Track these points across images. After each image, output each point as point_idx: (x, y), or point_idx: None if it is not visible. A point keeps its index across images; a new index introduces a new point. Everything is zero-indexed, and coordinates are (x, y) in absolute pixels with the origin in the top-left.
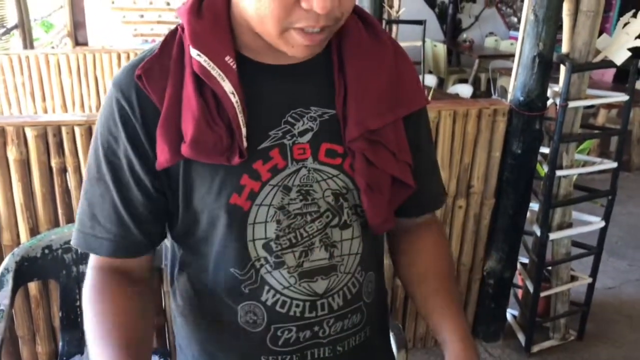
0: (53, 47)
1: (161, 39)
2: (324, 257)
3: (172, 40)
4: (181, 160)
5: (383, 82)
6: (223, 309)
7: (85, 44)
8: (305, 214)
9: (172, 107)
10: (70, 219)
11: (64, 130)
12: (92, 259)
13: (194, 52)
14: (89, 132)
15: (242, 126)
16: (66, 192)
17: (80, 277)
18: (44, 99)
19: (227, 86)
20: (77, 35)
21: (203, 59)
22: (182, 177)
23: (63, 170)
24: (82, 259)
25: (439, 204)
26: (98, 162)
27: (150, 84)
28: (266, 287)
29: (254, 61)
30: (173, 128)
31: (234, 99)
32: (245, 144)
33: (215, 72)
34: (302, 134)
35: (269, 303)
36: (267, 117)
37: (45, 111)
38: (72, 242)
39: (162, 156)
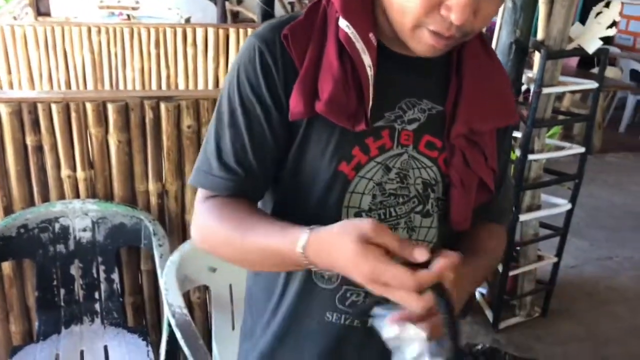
0: (15, 18)
1: (300, 11)
2: (404, 238)
3: (316, 10)
4: (310, 116)
5: (494, 89)
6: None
7: (48, 14)
8: (398, 195)
9: (311, 67)
10: (45, 198)
11: (40, 107)
12: (205, 193)
13: (343, 23)
14: (66, 109)
15: (370, 98)
16: (42, 170)
17: (57, 256)
18: (9, 72)
19: (367, 60)
20: (39, 5)
21: (351, 31)
22: (301, 135)
23: (39, 149)
24: (59, 238)
25: (504, 219)
26: (232, 108)
27: (294, 44)
28: None
29: (384, 46)
30: (310, 85)
31: (370, 72)
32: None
33: (359, 45)
34: (410, 122)
35: None
36: (385, 100)
37: (11, 85)
38: (191, 181)
39: (297, 108)
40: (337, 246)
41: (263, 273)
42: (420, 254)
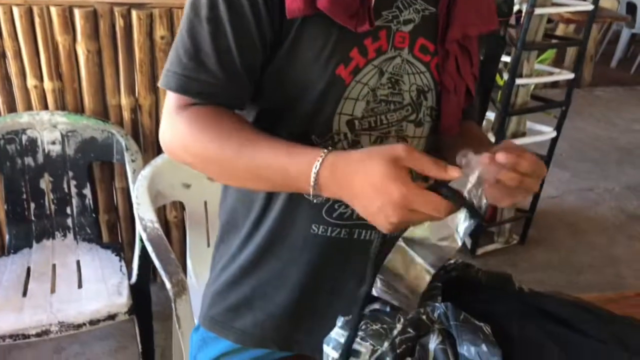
0: None
1: None
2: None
3: None
4: (307, 14)
5: None
6: None
7: None
8: (389, 102)
9: None
10: (12, 108)
11: (0, 10)
12: (179, 100)
13: None
14: (29, 13)
15: None
16: (6, 78)
17: (26, 170)
18: None
19: None
20: None
21: None
22: (292, 36)
23: (1, 55)
24: (27, 150)
25: (477, 117)
26: (212, 0)
27: None
28: None
29: None
30: None
31: None
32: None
33: None
34: (405, 22)
35: None
36: None
37: None
38: (162, 84)
39: (294, 4)
40: (361, 170)
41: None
42: (455, 172)
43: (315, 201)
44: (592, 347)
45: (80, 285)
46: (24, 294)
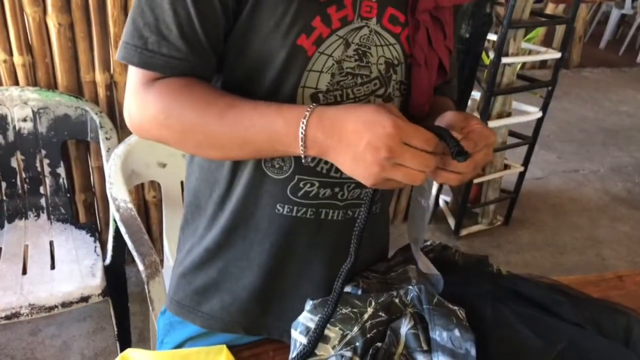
0: None
1: None
2: None
3: None
4: None
5: None
6: None
7: None
8: (356, 75)
9: None
10: None
11: None
12: (144, 75)
13: None
14: None
15: None
16: None
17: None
18: None
19: None
20: None
21: None
22: (253, 2)
23: None
24: None
25: (454, 95)
26: None
27: None
28: None
29: None
30: None
31: None
32: None
33: None
34: None
35: None
36: None
37: None
38: (121, 57)
39: None
40: (352, 111)
41: (206, 164)
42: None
43: (303, 161)
44: (567, 330)
45: (53, 267)
46: None
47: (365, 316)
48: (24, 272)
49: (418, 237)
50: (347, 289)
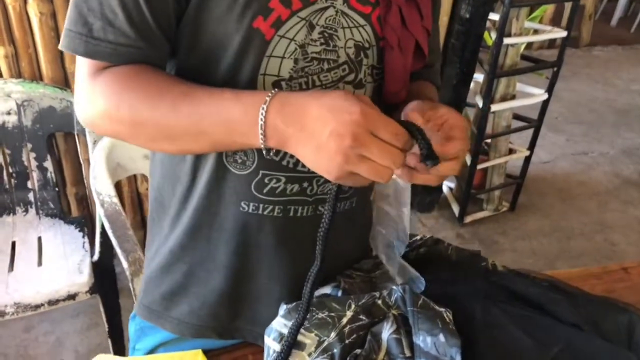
0: None
1: None
2: None
3: None
4: None
5: None
6: None
7: None
8: (322, 60)
9: None
10: None
11: None
12: (91, 65)
13: None
14: None
15: None
16: None
17: None
18: None
19: None
20: None
21: None
22: None
23: None
24: None
25: (438, 81)
26: None
27: None
28: None
29: None
30: None
31: None
32: None
33: None
34: None
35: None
36: None
37: None
38: (64, 46)
39: None
40: (317, 97)
41: (167, 160)
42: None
43: (265, 154)
44: (563, 331)
45: (40, 263)
46: None
47: (344, 320)
48: (11, 269)
49: (390, 242)
50: (327, 290)
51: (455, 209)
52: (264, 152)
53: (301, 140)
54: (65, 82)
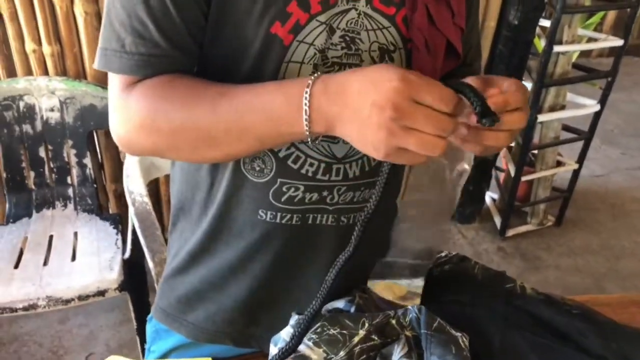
0: None
1: None
2: None
3: None
4: None
5: None
6: None
7: None
8: (344, 65)
9: None
10: (12, 73)
11: None
12: (124, 80)
13: None
14: None
15: None
16: (3, 42)
17: (24, 137)
18: None
19: None
20: None
21: None
22: None
23: None
24: (25, 117)
25: None
26: None
27: None
28: None
29: None
30: None
31: None
32: None
33: None
34: None
35: (281, 155)
36: None
37: None
38: (100, 65)
39: None
40: (359, 72)
41: (186, 165)
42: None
43: (309, 140)
44: None
45: (74, 258)
46: (16, 265)
47: (356, 339)
48: (45, 263)
49: (431, 245)
50: (340, 304)
51: (498, 221)
52: (306, 143)
53: (345, 118)
54: (107, 81)
